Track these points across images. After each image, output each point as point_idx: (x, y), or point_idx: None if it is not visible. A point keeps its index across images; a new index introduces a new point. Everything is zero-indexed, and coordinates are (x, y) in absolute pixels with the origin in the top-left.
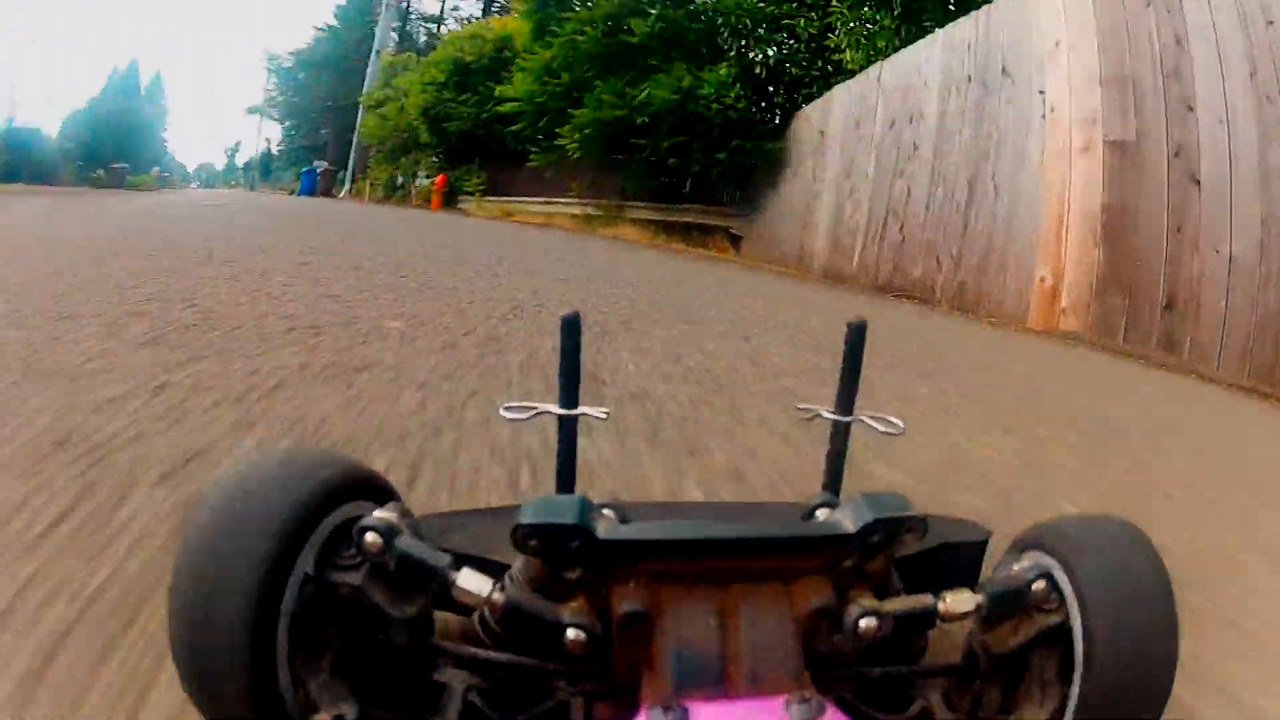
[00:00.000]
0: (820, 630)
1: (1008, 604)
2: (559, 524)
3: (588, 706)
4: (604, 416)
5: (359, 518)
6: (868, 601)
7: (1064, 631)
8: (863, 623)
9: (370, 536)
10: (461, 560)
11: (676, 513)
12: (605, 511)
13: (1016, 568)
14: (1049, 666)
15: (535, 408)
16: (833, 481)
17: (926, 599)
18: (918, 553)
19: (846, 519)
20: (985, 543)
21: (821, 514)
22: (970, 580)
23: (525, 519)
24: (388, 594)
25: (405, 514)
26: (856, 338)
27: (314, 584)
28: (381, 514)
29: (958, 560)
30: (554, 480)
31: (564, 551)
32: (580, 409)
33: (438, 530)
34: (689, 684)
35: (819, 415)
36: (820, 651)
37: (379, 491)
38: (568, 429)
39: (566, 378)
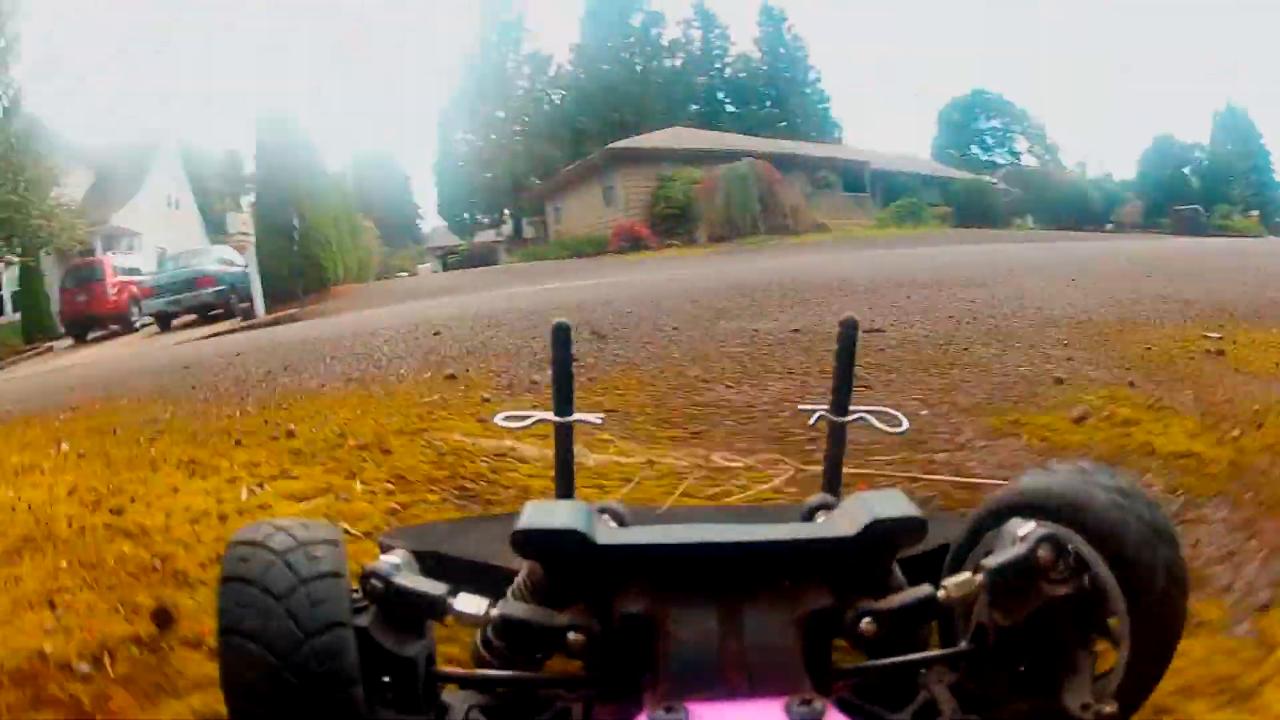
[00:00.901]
0: (821, 632)
1: (1013, 578)
2: (558, 530)
3: (589, 712)
4: (599, 422)
5: (362, 564)
6: (867, 602)
7: (1081, 597)
8: (863, 624)
9: (374, 581)
10: (460, 581)
11: (676, 518)
12: (604, 517)
13: (1018, 537)
14: (1074, 630)
15: (532, 415)
16: (831, 482)
17: (926, 589)
18: (923, 552)
19: (846, 522)
20: None
21: (821, 516)
22: None
23: (524, 525)
24: (391, 632)
25: (407, 558)
26: (848, 336)
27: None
28: (386, 559)
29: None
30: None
31: (564, 557)
32: (575, 415)
33: (443, 537)
34: (690, 687)
35: (822, 417)
36: (821, 653)
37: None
38: (564, 436)
39: (559, 386)
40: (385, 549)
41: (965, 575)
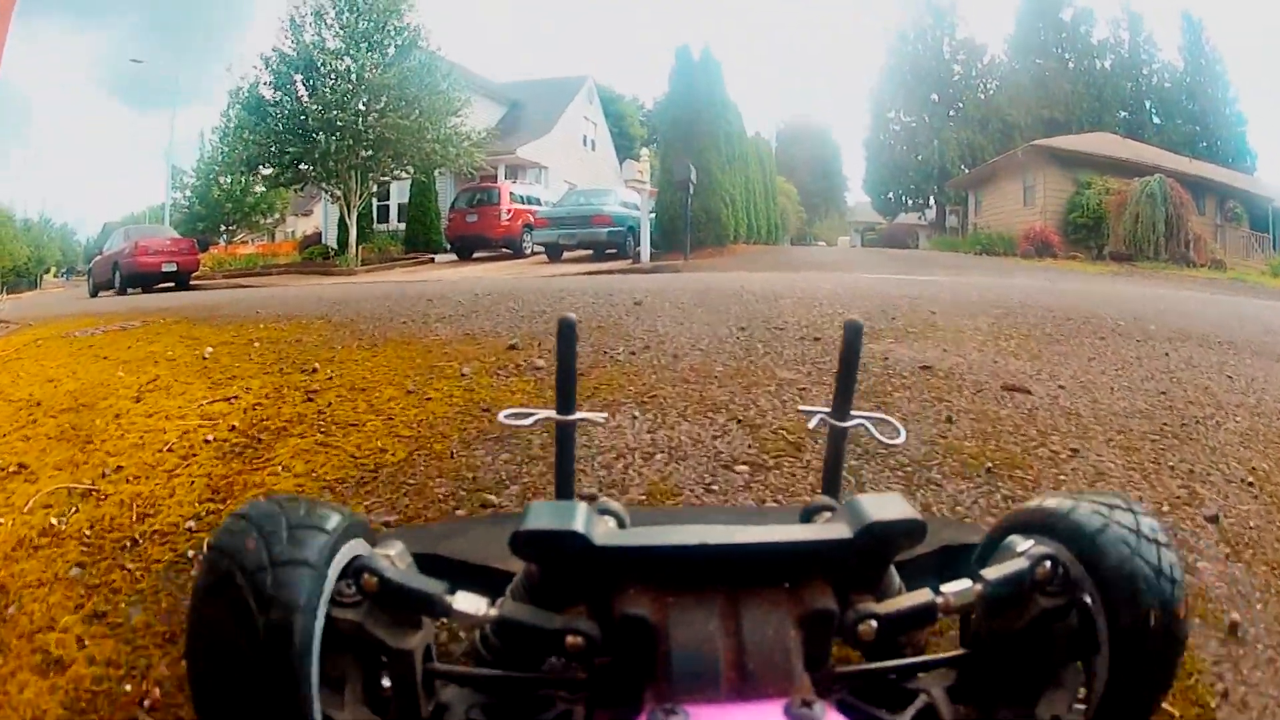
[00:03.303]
0: (820, 634)
1: (1009, 591)
2: (557, 531)
3: (589, 713)
4: (603, 421)
5: (358, 557)
6: (866, 604)
7: (1072, 612)
8: (862, 626)
9: (368, 575)
10: (459, 580)
11: (676, 518)
12: (604, 517)
13: (1018, 552)
14: (1062, 648)
15: (534, 413)
16: (831, 485)
17: (925, 594)
18: (921, 555)
19: (844, 524)
20: None
21: (820, 518)
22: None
23: (524, 526)
24: (388, 627)
25: (403, 550)
26: (852, 339)
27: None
28: (380, 551)
29: (960, 561)
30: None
31: (563, 559)
32: (578, 414)
33: (441, 538)
34: (689, 688)
35: (823, 420)
36: (820, 655)
37: (369, 531)
38: (565, 434)
39: (562, 382)
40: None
41: (965, 583)
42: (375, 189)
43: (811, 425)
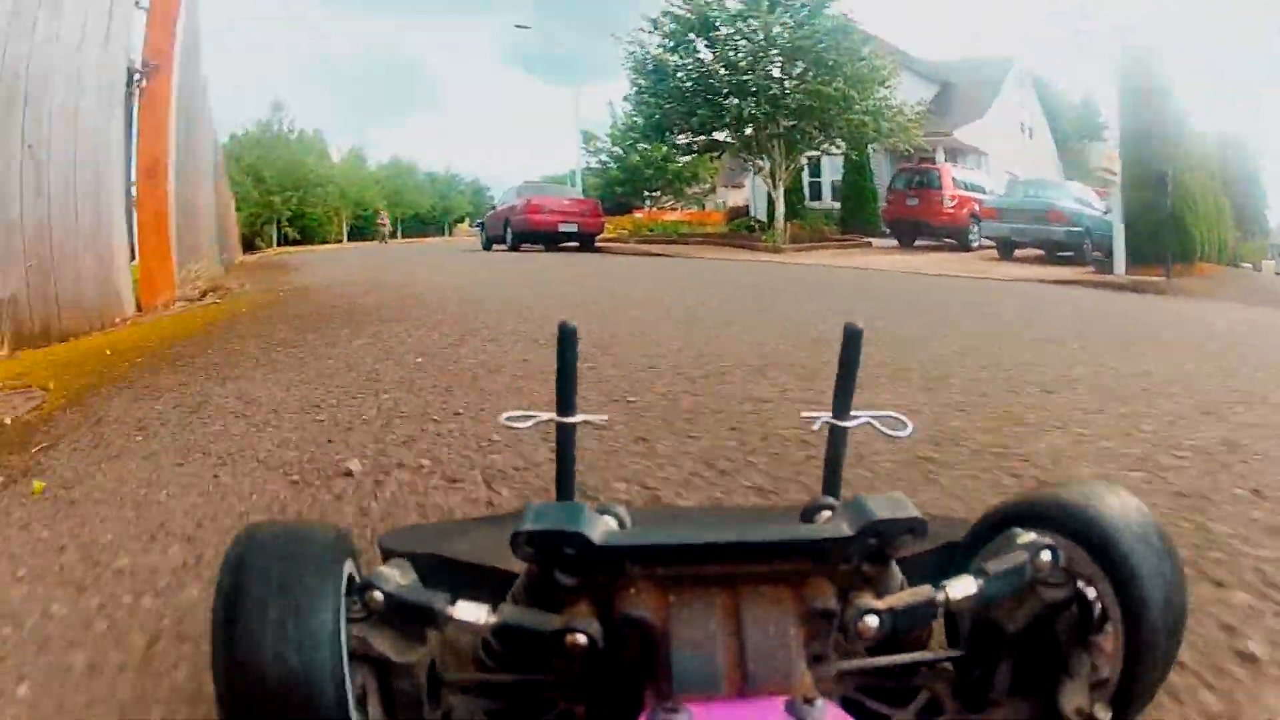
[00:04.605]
0: (821, 632)
1: (1010, 584)
2: (557, 530)
3: (591, 713)
4: (603, 422)
5: (357, 573)
6: (867, 602)
7: (1075, 602)
8: (862, 623)
9: (373, 593)
10: (461, 583)
11: (676, 517)
12: (605, 517)
13: (1017, 544)
14: (1063, 639)
15: (535, 416)
16: (831, 484)
17: (927, 590)
18: (923, 551)
19: (844, 522)
20: None
21: (821, 517)
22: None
23: (524, 526)
24: (393, 641)
25: (406, 567)
26: (851, 342)
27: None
28: (384, 569)
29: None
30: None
31: (564, 558)
32: (579, 416)
33: (443, 538)
34: (691, 687)
35: (825, 422)
36: (822, 652)
37: (352, 544)
38: (565, 436)
39: (563, 386)
40: (386, 555)
41: (966, 579)
42: (804, 164)
43: (815, 428)
